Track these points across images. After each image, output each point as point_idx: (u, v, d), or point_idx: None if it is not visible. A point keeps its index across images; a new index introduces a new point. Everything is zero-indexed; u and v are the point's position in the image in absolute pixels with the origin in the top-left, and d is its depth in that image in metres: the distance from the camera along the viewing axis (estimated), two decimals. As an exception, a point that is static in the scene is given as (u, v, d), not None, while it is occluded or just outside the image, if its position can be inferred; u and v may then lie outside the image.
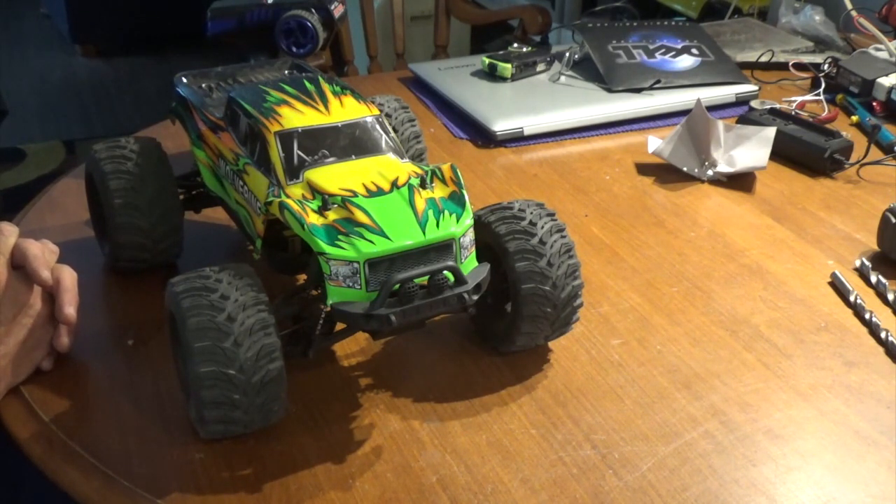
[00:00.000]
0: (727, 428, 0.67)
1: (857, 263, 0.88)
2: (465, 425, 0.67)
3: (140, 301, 0.80)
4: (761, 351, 0.76)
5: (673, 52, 1.31)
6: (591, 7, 2.47)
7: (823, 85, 1.28)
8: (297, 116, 0.67)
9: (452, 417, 0.68)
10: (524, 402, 0.69)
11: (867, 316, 0.80)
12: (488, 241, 0.70)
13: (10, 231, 0.70)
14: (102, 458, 0.63)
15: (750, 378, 0.73)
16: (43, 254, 0.70)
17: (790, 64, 1.36)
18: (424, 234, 0.61)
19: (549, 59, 1.32)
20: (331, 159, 0.66)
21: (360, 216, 0.61)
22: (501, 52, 1.31)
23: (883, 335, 0.77)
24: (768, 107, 1.20)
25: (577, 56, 1.32)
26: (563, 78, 1.29)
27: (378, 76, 1.56)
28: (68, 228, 0.90)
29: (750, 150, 1.05)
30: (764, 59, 1.39)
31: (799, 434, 0.67)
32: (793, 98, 1.27)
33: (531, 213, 0.70)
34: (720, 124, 1.04)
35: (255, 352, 0.58)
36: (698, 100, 1.05)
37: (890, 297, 0.83)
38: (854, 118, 1.21)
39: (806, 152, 1.08)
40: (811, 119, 1.16)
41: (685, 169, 1.06)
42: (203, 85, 0.84)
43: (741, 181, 1.05)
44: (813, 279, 0.87)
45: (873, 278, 0.85)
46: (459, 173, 0.66)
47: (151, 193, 0.78)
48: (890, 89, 1.22)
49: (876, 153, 1.10)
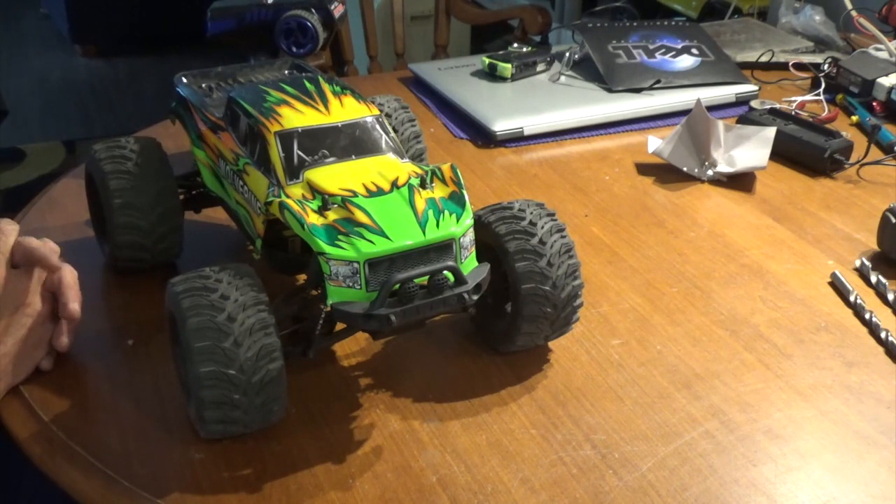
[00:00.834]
0: (727, 428, 0.67)
1: (857, 263, 0.88)
2: (465, 425, 0.67)
3: (140, 301, 0.80)
4: (761, 351, 0.76)
5: (673, 52, 1.31)
6: (591, 7, 2.47)
7: (823, 85, 1.28)
8: (297, 116, 0.67)
9: (452, 417, 0.68)
10: (524, 402, 0.69)
11: (867, 316, 0.80)
12: (488, 241, 0.70)
13: (10, 230, 0.70)
14: (102, 458, 0.63)
15: (750, 378, 0.73)
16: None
17: (790, 64, 1.36)
18: (424, 234, 0.61)
19: (549, 59, 1.32)
20: (331, 159, 0.66)
21: (360, 216, 0.61)
22: (501, 52, 1.31)
23: (883, 335, 0.77)
24: (768, 107, 1.20)
25: (577, 56, 1.32)
26: (563, 78, 1.29)
27: (378, 76, 1.56)
28: (68, 228, 0.90)
29: (750, 150, 1.05)
30: (764, 59, 1.39)
31: (799, 434, 0.67)
32: (793, 98, 1.27)
33: (531, 213, 0.70)
34: (720, 124, 1.04)
35: (255, 352, 0.58)
36: (698, 100, 1.05)
37: (890, 297, 0.83)
38: (854, 118, 1.21)
39: (806, 152, 1.08)
40: (811, 119, 1.16)
41: (685, 169, 1.06)
42: (203, 85, 0.84)
43: (741, 181, 1.05)
44: (813, 279, 0.87)
45: (873, 278, 0.85)
46: (459, 173, 0.66)
47: (151, 193, 0.78)
48: (890, 89, 1.22)
49: (876, 153, 1.10)
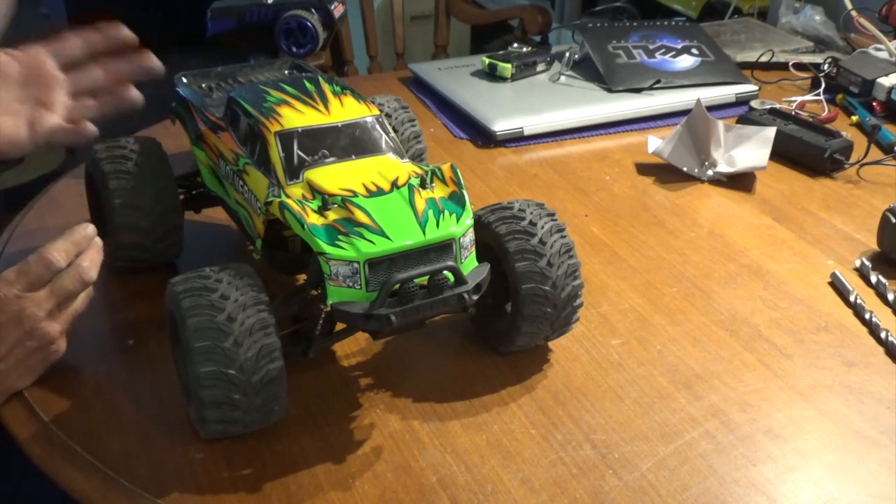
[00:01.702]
0: (727, 428, 0.67)
1: (857, 263, 0.88)
2: (465, 425, 0.67)
3: (140, 301, 0.80)
4: (761, 351, 0.76)
5: (673, 52, 1.31)
6: (591, 7, 2.47)
7: (823, 85, 1.28)
8: (297, 116, 0.67)
9: (452, 417, 0.68)
10: (524, 402, 0.69)
11: (867, 316, 0.80)
12: (488, 241, 0.70)
13: (60, 260, 0.70)
14: (102, 458, 0.63)
15: (750, 378, 0.73)
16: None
17: (790, 64, 1.36)
18: (424, 234, 0.61)
19: (549, 59, 1.32)
20: (331, 159, 0.66)
21: (360, 216, 0.61)
22: (501, 52, 1.31)
23: (883, 335, 0.77)
24: (768, 107, 1.20)
25: (577, 56, 1.32)
26: (563, 78, 1.29)
27: (378, 76, 1.56)
28: (68, 228, 0.90)
29: (750, 150, 1.05)
30: (764, 59, 1.39)
31: (799, 434, 0.67)
32: (793, 98, 1.27)
33: (531, 213, 0.70)
34: (720, 124, 1.04)
35: (255, 352, 0.58)
36: (698, 100, 1.05)
37: (890, 297, 0.83)
38: (854, 118, 1.21)
39: (806, 152, 1.08)
40: (811, 119, 1.16)
41: (685, 169, 1.06)
42: (203, 85, 0.84)
43: (741, 181, 1.05)
44: (813, 279, 0.86)
45: (873, 278, 0.85)
46: (459, 173, 0.66)
47: (151, 193, 0.78)
48: (890, 89, 1.22)
49: (876, 153, 1.10)
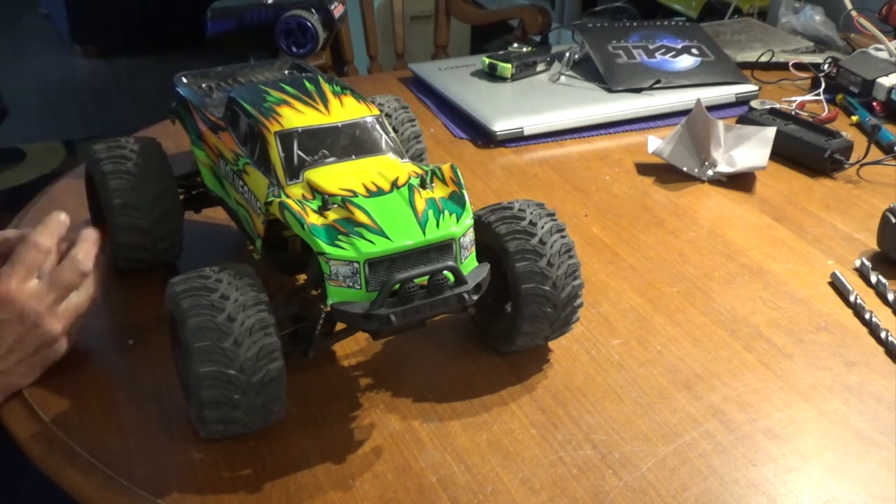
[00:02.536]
0: (727, 428, 0.67)
1: (857, 263, 0.88)
2: (465, 425, 0.67)
3: (140, 301, 0.80)
4: (761, 351, 0.76)
5: (673, 52, 1.31)
6: (591, 7, 2.47)
7: (823, 85, 1.28)
8: (297, 116, 0.67)
9: (452, 417, 0.68)
10: (524, 402, 0.69)
11: (867, 316, 0.80)
12: (488, 241, 0.70)
13: (45, 244, 0.70)
14: (102, 458, 0.63)
15: (750, 378, 0.73)
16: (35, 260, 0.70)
17: (790, 64, 1.36)
18: (424, 234, 0.61)
19: (549, 59, 1.32)
20: (331, 159, 0.66)
21: (360, 216, 0.61)
22: (501, 52, 1.31)
23: (883, 335, 0.77)
24: (768, 107, 1.20)
25: (577, 56, 1.32)
26: (563, 78, 1.29)
27: (378, 76, 1.56)
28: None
29: (750, 150, 1.05)
30: (764, 59, 1.39)
31: (799, 434, 0.67)
32: (793, 98, 1.27)
33: (531, 213, 0.70)
34: (720, 124, 1.04)
35: (255, 352, 0.58)
36: (698, 100, 1.05)
37: (890, 297, 0.83)
38: (854, 118, 1.21)
39: (806, 152, 1.08)
40: (811, 119, 1.16)
41: (685, 169, 1.06)
42: (203, 85, 0.84)
43: (741, 181, 1.05)
44: (813, 279, 0.86)
45: (873, 278, 0.85)
46: (459, 173, 0.66)
47: (151, 193, 0.78)
48: (890, 89, 1.22)
49: (876, 153, 1.10)
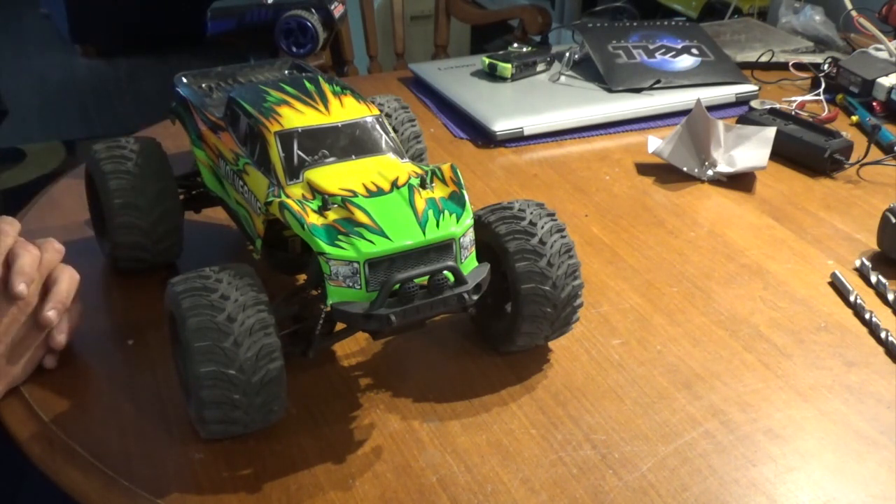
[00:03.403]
0: (727, 428, 0.67)
1: (857, 263, 0.88)
2: (465, 425, 0.67)
3: (140, 301, 0.80)
4: (761, 351, 0.76)
5: (673, 52, 1.31)
6: (591, 7, 2.47)
7: (823, 85, 1.28)
8: (297, 116, 0.67)
9: (452, 417, 0.68)
10: (524, 402, 0.69)
11: (867, 316, 0.80)
12: (488, 241, 0.70)
13: (9, 230, 0.70)
14: (102, 458, 0.63)
15: (750, 378, 0.73)
16: (32, 264, 0.68)
17: (790, 64, 1.36)
18: (424, 234, 0.61)
19: (549, 59, 1.32)
20: (331, 159, 0.66)
21: (360, 216, 0.61)
22: (501, 52, 1.31)
23: (883, 335, 0.77)
24: (768, 107, 1.20)
25: (577, 56, 1.32)
26: (563, 78, 1.29)
27: (378, 76, 1.56)
28: (68, 228, 0.90)
29: (750, 150, 1.05)
30: (764, 59, 1.39)
31: (799, 434, 0.67)
32: (793, 98, 1.27)
33: (531, 213, 0.70)
34: (720, 124, 1.04)
35: (255, 352, 0.58)
36: (698, 100, 1.05)
37: (890, 297, 0.83)
38: (854, 118, 1.21)
39: (806, 152, 1.08)
40: (811, 119, 1.16)
41: (685, 169, 1.06)
42: (203, 85, 0.84)
43: (741, 181, 1.05)
44: (813, 279, 0.86)
45: (873, 278, 0.85)
46: (459, 173, 0.66)
47: (151, 193, 0.78)
48: (890, 89, 1.22)
49: (876, 153, 1.10)
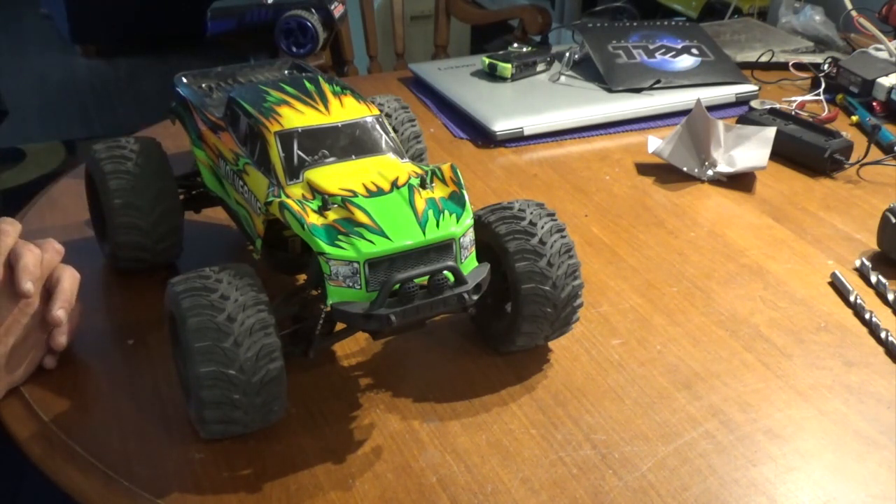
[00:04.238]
0: (727, 428, 0.67)
1: (857, 263, 0.88)
2: (465, 425, 0.67)
3: (140, 301, 0.80)
4: (761, 351, 0.76)
5: (673, 52, 1.31)
6: (591, 7, 2.47)
7: (823, 85, 1.28)
8: (297, 116, 0.67)
9: (452, 417, 0.68)
10: (524, 402, 0.69)
11: (867, 316, 0.80)
12: (488, 241, 0.70)
13: (10, 231, 0.70)
14: (102, 458, 0.63)
15: (750, 378, 0.73)
16: (36, 263, 0.69)
17: (790, 64, 1.36)
18: (424, 234, 0.61)
19: (549, 59, 1.32)
20: (331, 159, 0.66)
21: (360, 216, 0.61)
22: (501, 52, 1.31)
23: (883, 335, 0.77)
24: (768, 107, 1.20)
25: (577, 56, 1.32)
26: (563, 78, 1.29)
27: (378, 76, 1.56)
28: (68, 228, 0.90)
29: (750, 150, 1.05)
30: (764, 59, 1.39)
31: (799, 434, 0.67)
32: (793, 98, 1.27)
33: (531, 213, 0.70)
34: (720, 124, 1.04)
35: (255, 352, 0.58)
36: (698, 100, 1.05)
37: (890, 297, 0.83)
38: (854, 118, 1.21)
39: (806, 152, 1.08)
40: (811, 119, 1.16)
41: (685, 169, 1.06)
42: (203, 85, 0.84)
43: (741, 181, 1.05)
44: (813, 279, 0.86)
45: (873, 278, 0.85)
46: (459, 173, 0.66)
47: (151, 193, 0.78)
48: (890, 89, 1.22)
49: (876, 153, 1.10)
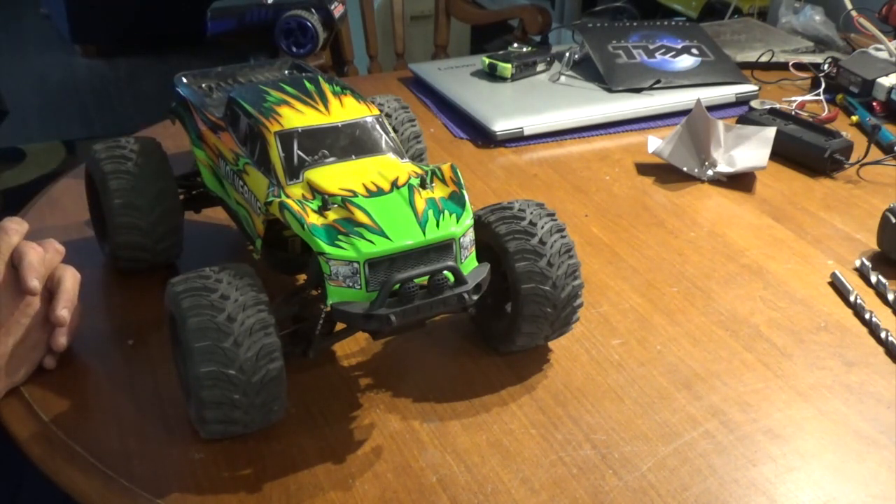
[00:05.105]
0: (727, 428, 0.67)
1: (857, 263, 0.88)
2: (465, 425, 0.67)
3: (140, 301, 0.80)
4: (761, 351, 0.76)
5: (673, 52, 1.31)
6: (591, 7, 2.47)
7: (823, 85, 1.28)
8: (297, 116, 0.67)
9: (452, 417, 0.68)
10: (524, 402, 0.69)
11: (867, 316, 0.80)
12: (488, 241, 0.70)
13: (15, 230, 0.70)
14: (102, 458, 0.63)
15: (750, 378, 0.73)
16: (40, 261, 0.70)
17: (790, 64, 1.36)
18: (424, 234, 0.61)
19: (549, 59, 1.32)
20: (331, 159, 0.66)
21: (360, 216, 0.61)
22: (501, 52, 1.31)
23: (883, 335, 0.77)
24: (768, 107, 1.20)
25: (577, 56, 1.32)
26: (563, 78, 1.29)
27: (378, 76, 1.56)
28: (68, 228, 0.90)
29: (750, 150, 1.05)
30: (764, 59, 1.39)
31: (799, 434, 0.67)
32: (793, 98, 1.27)
33: (531, 213, 0.70)
34: (720, 124, 1.04)
35: (255, 352, 0.58)
36: (698, 100, 1.05)
37: (890, 297, 0.83)
38: (854, 118, 1.21)
39: (806, 152, 1.08)
40: (811, 119, 1.16)
41: (685, 169, 1.06)
42: (203, 85, 0.84)
43: (741, 181, 1.05)
44: (813, 279, 0.86)
45: (873, 278, 0.85)
46: (459, 173, 0.66)
47: (151, 193, 0.78)
48: (890, 89, 1.22)
49: (876, 153, 1.10)
